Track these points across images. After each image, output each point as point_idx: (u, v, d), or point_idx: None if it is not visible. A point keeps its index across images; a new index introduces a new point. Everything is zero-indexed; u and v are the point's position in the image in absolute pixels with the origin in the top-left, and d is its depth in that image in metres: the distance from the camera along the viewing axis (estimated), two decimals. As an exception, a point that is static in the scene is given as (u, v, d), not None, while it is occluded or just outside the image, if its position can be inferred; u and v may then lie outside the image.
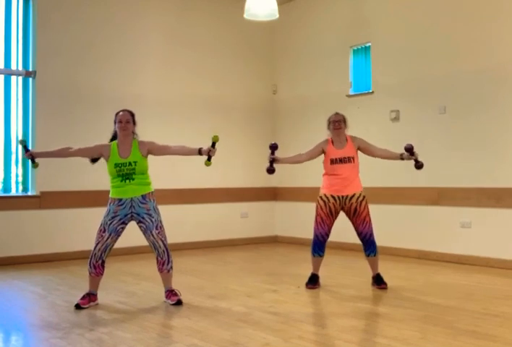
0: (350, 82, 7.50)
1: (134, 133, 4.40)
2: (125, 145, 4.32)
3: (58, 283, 5.25)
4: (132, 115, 4.39)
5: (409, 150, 4.74)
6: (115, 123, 4.37)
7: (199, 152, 4.30)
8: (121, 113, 4.36)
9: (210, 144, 4.28)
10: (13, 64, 6.62)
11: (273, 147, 4.80)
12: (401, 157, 4.85)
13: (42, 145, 6.20)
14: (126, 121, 4.32)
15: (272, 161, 4.82)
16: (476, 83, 6.12)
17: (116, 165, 4.26)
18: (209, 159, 4.30)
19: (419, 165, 4.80)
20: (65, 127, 6.67)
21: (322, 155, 4.97)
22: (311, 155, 5.01)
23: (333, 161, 4.84)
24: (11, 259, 6.30)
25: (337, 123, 4.92)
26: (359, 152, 4.97)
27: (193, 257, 6.79)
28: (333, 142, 4.93)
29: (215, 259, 6.73)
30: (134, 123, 4.38)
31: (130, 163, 4.25)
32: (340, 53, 7.57)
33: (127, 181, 4.25)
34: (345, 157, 4.83)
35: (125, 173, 4.25)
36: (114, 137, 4.42)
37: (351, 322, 3.77)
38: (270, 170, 4.85)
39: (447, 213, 6.32)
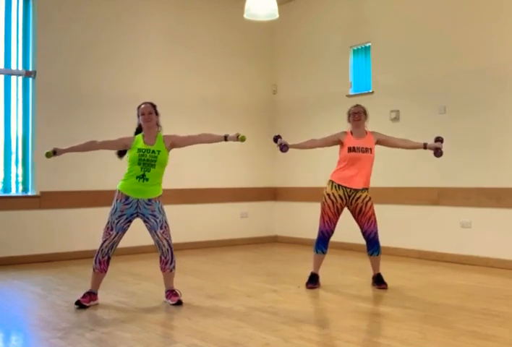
0: (350, 82, 7.50)
1: (158, 125, 4.45)
2: (150, 136, 4.37)
3: (58, 283, 5.25)
4: (154, 106, 4.45)
5: (440, 141, 4.86)
6: (138, 116, 4.42)
7: (225, 138, 4.40)
8: (142, 105, 4.42)
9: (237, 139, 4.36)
10: (13, 64, 6.62)
11: (276, 137, 4.84)
12: (424, 147, 4.91)
13: (42, 145, 6.20)
14: (149, 112, 4.38)
15: (283, 144, 4.77)
16: (476, 83, 6.12)
17: (140, 149, 4.28)
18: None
19: (439, 153, 4.88)
20: (65, 127, 6.67)
21: (338, 146, 4.96)
22: (326, 142, 5.00)
23: (350, 149, 4.83)
24: (11, 259, 6.30)
25: (357, 115, 4.94)
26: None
27: (193, 257, 6.79)
28: (352, 133, 4.94)
29: (215, 259, 6.73)
30: (156, 114, 4.44)
31: (154, 151, 4.29)
32: (340, 53, 7.57)
33: (142, 180, 4.26)
34: (363, 147, 4.83)
35: (147, 159, 4.26)
36: (138, 131, 4.46)
37: (351, 322, 3.77)
38: (284, 147, 4.76)
39: (447, 213, 6.32)
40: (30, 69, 6.66)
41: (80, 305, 4.19)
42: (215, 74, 7.97)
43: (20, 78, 6.64)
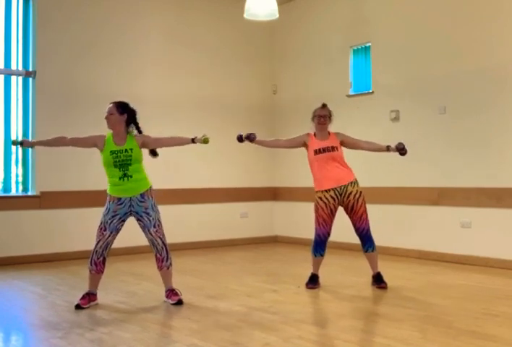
0: (350, 82, 7.50)
1: (128, 124, 4.36)
2: (119, 135, 4.34)
3: (58, 283, 5.25)
4: (119, 106, 4.34)
5: (401, 149, 4.84)
6: None
7: (193, 140, 4.34)
8: (108, 105, 4.38)
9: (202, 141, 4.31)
10: (13, 64, 6.62)
11: (248, 138, 4.89)
12: (388, 149, 4.89)
13: (42, 145, 6.20)
14: (109, 113, 4.34)
15: (246, 139, 4.85)
16: (476, 83, 6.12)
17: (112, 152, 4.26)
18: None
19: (404, 152, 4.87)
20: (65, 127, 6.65)
21: (304, 149, 4.98)
22: (290, 143, 5.06)
23: (316, 152, 4.85)
24: (11, 259, 6.29)
25: (322, 118, 4.92)
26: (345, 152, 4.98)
27: (193, 257, 6.79)
28: (315, 135, 4.96)
29: (215, 259, 6.73)
30: (121, 113, 4.33)
31: (126, 150, 4.27)
32: (340, 53, 7.57)
33: (125, 178, 4.25)
34: (328, 147, 4.84)
35: (122, 159, 4.24)
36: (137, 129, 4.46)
37: (350, 321, 3.77)
38: (240, 138, 4.85)
39: (447, 213, 6.32)
40: (30, 69, 6.66)
41: (80, 308, 4.18)
42: (215, 73, 7.97)
43: (20, 78, 6.64)
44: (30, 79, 6.67)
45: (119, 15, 7.23)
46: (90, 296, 4.29)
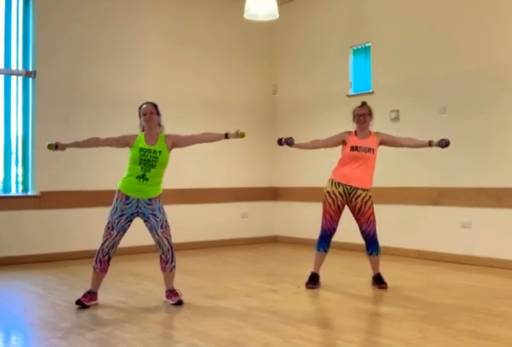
0: (350, 82, 7.50)
1: (160, 125, 4.44)
2: (152, 136, 4.37)
3: (58, 283, 5.25)
4: (155, 106, 4.44)
5: (444, 146, 4.88)
6: (140, 117, 4.42)
7: (226, 136, 4.43)
8: (144, 105, 4.41)
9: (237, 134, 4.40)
10: (13, 64, 6.62)
11: (288, 144, 4.90)
12: (430, 145, 4.91)
13: (42, 145, 6.17)
14: (151, 112, 4.37)
15: (287, 142, 4.86)
16: (476, 83, 6.12)
17: (142, 149, 4.28)
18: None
19: (444, 143, 4.90)
20: (65, 127, 6.66)
21: (341, 146, 4.97)
22: (328, 143, 5.02)
23: (353, 148, 4.83)
24: (11, 259, 6.29)
25: (362, 117, 4.92)
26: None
27: (193, 257, 6.79)
28: (356, 133, 4.95)
29: (215, 259, 6.73)
30: (158, 114, 4.43)
31: (155, 151, 4.30)
32: (340, 53, 7.57)
33: (142, 180, 4.27)
34: (366, 147, 4.84)
35: (148, 159, 4.26)
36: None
37: (351, 321, 3.77)
38: (280, 141, 4.89)
39: (447, 213, 6.32)
40: (30, 69, 6.66)
41: (81, 304, 4.19)
42: (215, 73, 7.97)
43: (20, 78, 6.64)
44: (30, 79, 6.67)
45: (119, 15, 7.23)
46: (91, 295, 4.29)
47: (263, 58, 8.51)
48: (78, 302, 4.20)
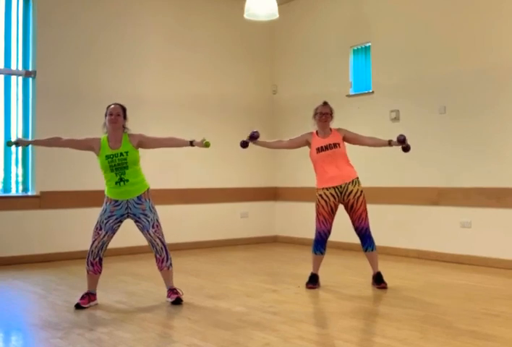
0: (350, 82, 7.50)
1: (124, 127, 4.40)
2: (115, 138, 4.33)
3: (58, 283, 5.25)
4: (124, 109, 4.40)
5: (402, 141, 4.80)
6: (105, 116, 4.39)
7: (191, 143, 4.34)
8: (112, 106, 4.38)
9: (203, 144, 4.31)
10: (13, 64, 6.62)
11: (253, 137, 4.97)
12: (390, 144, 4.89)
13: (42, 145, 6.21)
14: (117, 114, 4.34)
15: (250, 140, 4.94)
16: (476, 83, 6.12)
17: (108, 156, 4.27)
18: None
19: (407, 149, 4.86)
20: (65, 127, 6.65)
21: (307, 147, 5.00)
22: (292, 143, 5.08)
23: (318, 150, 4.87)
24: (11, 259, 6.29)
25: (324, 116, 4.93)
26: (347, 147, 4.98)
27: (193, 257, 6.79)
28: (317, 133, 4.97)
29: (215, 259, 6.73)
30: (125, 117, 4.39)
31: (121, 153, 4.27)
32: (340, 53, 7.57)
33: (121, 183, 4.26)
34: (330, 144, 4.85)
35: (117, 163, 4.25)
36: None
37: (351, 322, 3.77)
38: (244, 143, 4.98)
39: (447, 213, 6.32)
40: (30, 69, 6.66)
41: (80, 308, 4.18)
42: (215, 74, 7.97)
43: (20, 78, 6.64)
44: (30, 79, 6.67)
45: (119, 15, 7.23)
46: (89, 296, 4.29)
47: (263, 58, 8.51)
48: (77, 306, 4.19)
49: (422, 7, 6.65)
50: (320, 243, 4.90)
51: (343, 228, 5.45)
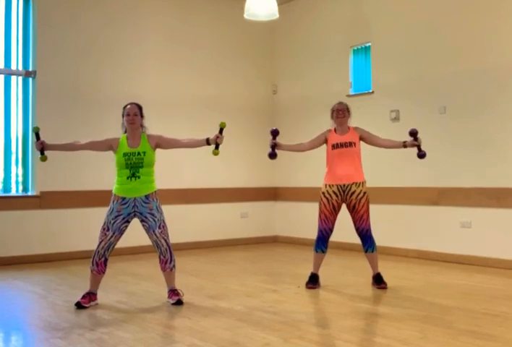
0: (350, 82, 7.50)
1: (142, 126, 4.43)
2: (134, 137, 4.36)
3: (58, 283, 5.25)
4: (140, 108, 4.42)
5: (413, 134, 4.77)
6: (123, 116, 4.40)
7: (207, 141, 4.37)
8: (128, 106, 4.39)
9: (218, 130, 4.33)
10: (13, 64, 6.62)
11: (274, 133, 4.93)
12: (404, 145, 4.88)
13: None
14: (134, 113, 4.35)
15: (274, 146, 4.89)
16: (476, 83, 6.12)
17: (125, 154, 4.28)
18: (217, 147, 4.36)
19: (421, 154, 4.80)
20: (65, 127, 6.66)
21: (325, 145, 5.02)
22: (313, 144, 5.09)
23: (334, 146, 4.89)
24: (11, 259, 6.30)
25: (340, 111, 4.97)
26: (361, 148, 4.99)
27: (193, 257, 6.79)
28: (335, 131, 5.00)
29: (215, 259, 6.73)
30: (141, 116, 4.41)
31: (139, 153, 4.29)
32: (340, 53, 7.57)
33: (133, 178, 4.26)
34: (346, 142, 4.87)
35: (133, 162, 4.26)
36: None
37: (351, 322, 3.77)
38: (272, 155, 4.91)
39: (447, 213, 6.32)
40: (30, 69, 6.66)
41: (80, 306, 4.18)
42: (215, 73, 7.97)
43: (20, 78, 6.64)
44: (30, 79, 6.67)
45: (119, 15, 7.23)
46: (90, 296, 4.29)
47: (263, 58, 8.51)
48: (77, 304, 4.20)
49: (422, 7, 6.65)
50: (322, 241, 4.90)
51: (343, 228, 5.45)
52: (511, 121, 5.85)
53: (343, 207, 4.92)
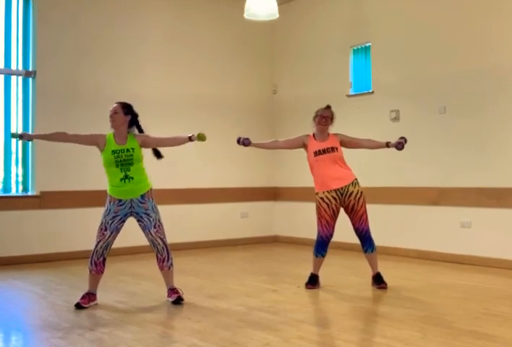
0: (350, 82, 7.50)
1: (129, 125, 4.38)
2: (121, 135, 4.35)
3: (58, 283, 5.25)
4: (124, 106, 4.37)
5: (402, 142, 4.81)
6: None
7: (190, 139, 4.31)
8: (113, 105, 4.38)
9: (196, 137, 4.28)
10: (13, 64, 6.62)
11: (244, 144, 4.92)
12: (388, 145, 4.88)
13: (42, 145, 6.21)
14: (114, 112, 4.34)
15: (243, 143, 4.90)
16: (476, 83, 6.12)
17: (114, 151, 4.27)
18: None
19: (400, 146, 4.83)
20: (65, 127, 6.55)
21: (303, 149, 4.99)
22: (288, 144, 5.06)
23: (316, 153, 4.84)
24: (11, 259, 6.29)
25: (324, 119, 4.90)
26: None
27: (193, 257, 6.79)
28: (314, 137, 4.94)
29: (215, 259, 6.73)
30: (127, 113, 4.36)
31: (128, 150, 4.29)
32: (340, 53, 7.57)
33: (127, 180, 4.26)
34: (328, 148, 4.83)
35: (123, 159, 4.25)
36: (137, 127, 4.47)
37: (351, 322, 3.77)
38: (245, 139, 4.88)
39: (447, 213, 6.32)
40: (30, 69, 6.66)
41: (80, 307, 4.18)
42: (215, 73, 7.97)
43: (20, 78, 6.64)
44: (30, 79, 6.67)
45: (119, 15, 7.23)
46: (90, 296, 4.29)
47: (263, 58, 8.51)
48: (77, 305, 4.19)
49: (422, 7, 6.65)
50: (322, 247, 4.88)
51: (343, 229, 5.44)
52: (511, 121, 5.85)
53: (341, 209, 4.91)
